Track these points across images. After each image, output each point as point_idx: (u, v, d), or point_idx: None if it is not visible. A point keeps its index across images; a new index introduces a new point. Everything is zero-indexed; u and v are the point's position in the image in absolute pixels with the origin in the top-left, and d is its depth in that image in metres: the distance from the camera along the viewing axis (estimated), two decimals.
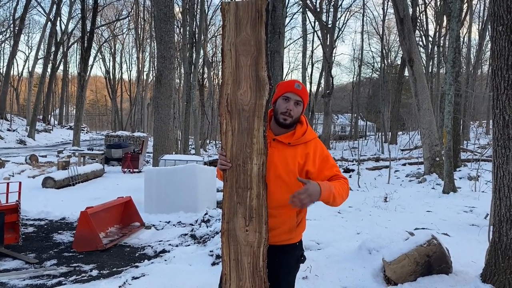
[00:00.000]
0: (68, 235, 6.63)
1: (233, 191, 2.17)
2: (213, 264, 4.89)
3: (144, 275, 4.56)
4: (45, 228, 7.06)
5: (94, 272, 4.85)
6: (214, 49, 42.91)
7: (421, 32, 34.32)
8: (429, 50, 31.69)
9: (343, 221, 7.43)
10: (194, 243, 6.11)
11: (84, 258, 5.42)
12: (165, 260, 5.24)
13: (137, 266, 5.05)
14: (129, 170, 15.71)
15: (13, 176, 12.66)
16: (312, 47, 32.20)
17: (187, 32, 23.16)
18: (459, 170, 15.20)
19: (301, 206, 2.09)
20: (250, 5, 2.18)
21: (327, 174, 2.29)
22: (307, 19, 25.15)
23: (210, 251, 5.18)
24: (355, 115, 42.84)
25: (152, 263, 5.16)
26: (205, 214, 7.32)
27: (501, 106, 3.47)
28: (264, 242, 2.12)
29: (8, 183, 6.03)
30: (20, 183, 6.14)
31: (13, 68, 42.50)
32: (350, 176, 16.23)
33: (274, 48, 5.05)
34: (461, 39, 26.44)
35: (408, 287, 3.94)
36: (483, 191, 10.52)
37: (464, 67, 27.88)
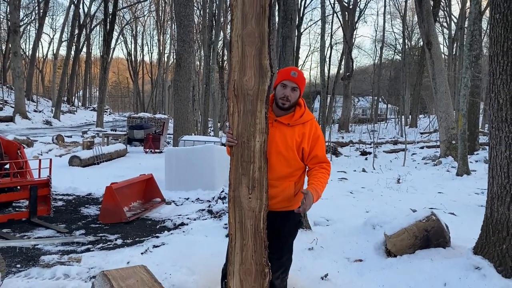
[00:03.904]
0: (94, 209, 7.14)
1: (238, 164, 2.51)
2: (227, 236, 5.25)
3: (164, 244, 4.99)
4: (73, 202, 7.59)
5: (119, 241, 5.32)
6: None
7: (445, 12, 33.60)
8: (452, 32, 31.05)
9: (354, 201, 7.71)
10: (211, 217, 6.52)
11: (109, 229, 5.89)
12: (184, 232, 5.67)
13: (157, 237, 5.49)
14: (151, 151, 16.26)
15: (41, 155, 13.33)
16: (331, 29, 31.89)
17: (207, 14, 23.35)
18: (477, 154, 15.21)
19: (304, 211, 2.63)
20: (255, 1, 2.47)
21: (317, 153, 2.64)
22: (327, 0, 24.96)
23: (225, 224, 5.57)
24: (376, 98, 42.49)
25: (171, 234, 5.60)
26: (222, 191, 7.69)
27: (496, 90, 3.68)
28: (264, 208, 2.47)
29: (40, 160, 6.52)
30: (50, 159, 6.64)
31: (38, 51, 43.58)
32: (366, 159, 16.42)
33: (286, 34, 5.27)
34: (486, 20, 25.81)
35: (406, 258, 4.24)
36: None
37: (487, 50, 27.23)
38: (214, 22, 22.90)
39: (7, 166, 6.71)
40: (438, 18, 30.02)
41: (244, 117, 2.49)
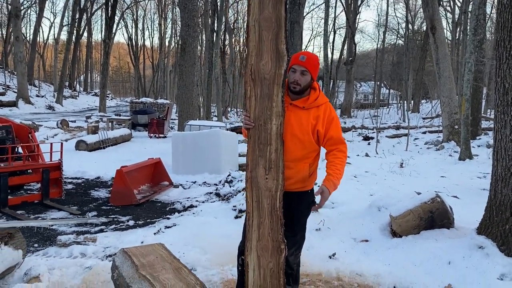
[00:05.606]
0: (104, 191, 7.28)
1: (255, 146, 2.61)
2: (236, 217, 5.41)
3: (175, 225, 5.15)
4: (82, 186, 7.74)
5: (131, 223, 5.47)
6: (235, 15, 42.65)
7: None
8: (456, 16, 30.82)
9: (358, 185, 7.81)
10: (219, 200, 6.67)
11: (120, 211, 6.04)
12: (193, 213, 5.82)
13: (168, 218, 5.64)
14: (155, 135, 16.38)
15: (47, 139, 13.45)
16: (335, 14, 31.71)
17: None
18: (479, 138, 15.27)
19: (320, 207, 2.87)
20: None
21: (333, 135, 2.73)
22: None
23: (233, 206, 5.72)
24: (378, 83, 42.37)
25: (181, 215, 5.75)
26: (228, 175, 7.80)
27: (502, 75, 3.76)
28: (280, 188, 2.58)
29: (51, 144, 6.65)
30: (61, 143, 6.77)
31: (39, 35, 43.34)
32: (369, 144, 16.52)
33: (294, 19, 5.33)
34: (490, 4, 25.65)
35: (411, 238, 4.38)
36: None
37: (492, 35, 27.08)
38: (216, 6, 22.74)
39: (19, 149, 6.84)
40: (441, 2, 29.79)
41: (261, 100, 2.58)
